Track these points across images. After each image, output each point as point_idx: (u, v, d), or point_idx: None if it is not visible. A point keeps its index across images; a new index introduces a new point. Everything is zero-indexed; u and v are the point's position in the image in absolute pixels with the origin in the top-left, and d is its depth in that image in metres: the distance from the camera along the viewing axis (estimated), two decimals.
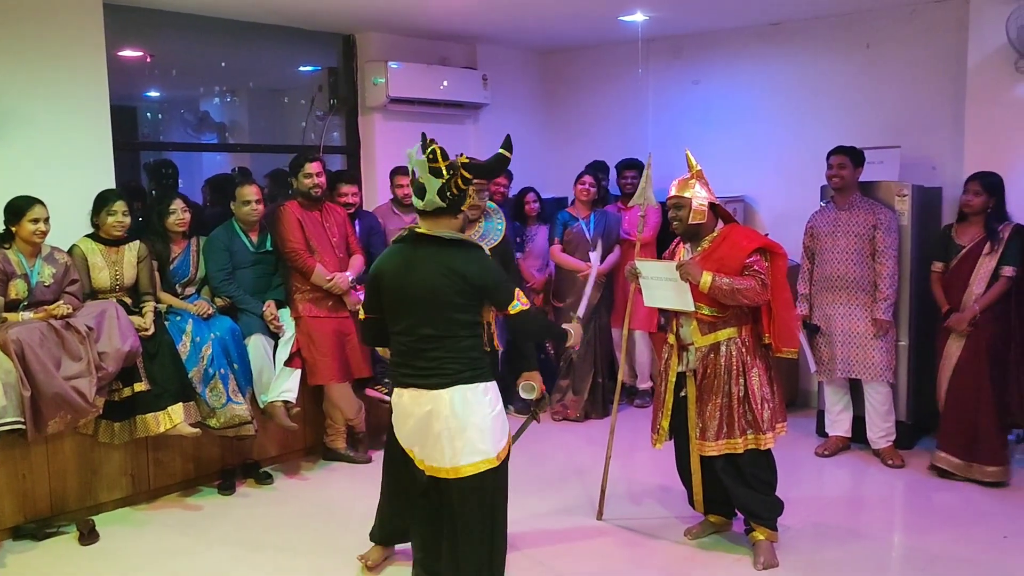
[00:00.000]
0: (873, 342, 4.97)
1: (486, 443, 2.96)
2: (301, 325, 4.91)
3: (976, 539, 4.03)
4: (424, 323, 2.93)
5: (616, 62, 7.02)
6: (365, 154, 6.48)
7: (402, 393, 3.06)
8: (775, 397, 3.79)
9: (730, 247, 3.74)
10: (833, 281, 5.04)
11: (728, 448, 3.76)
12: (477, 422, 2.94)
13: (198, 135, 6.55)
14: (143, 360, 4.36)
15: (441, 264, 2.91)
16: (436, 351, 2.93)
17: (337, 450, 5.22)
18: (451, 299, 2.90)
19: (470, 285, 2.91)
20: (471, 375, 2.95)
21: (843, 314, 5.03)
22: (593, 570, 3.82)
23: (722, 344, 3.76)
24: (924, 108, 5.66)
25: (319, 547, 4.07)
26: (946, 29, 5.52)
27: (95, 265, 4.47)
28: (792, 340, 3.83)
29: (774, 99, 6.33)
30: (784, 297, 3.79)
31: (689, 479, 4.00)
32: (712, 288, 3.64)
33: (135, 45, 5.59)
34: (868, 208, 4.99)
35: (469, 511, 3.01)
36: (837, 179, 5.02)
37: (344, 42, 6.39)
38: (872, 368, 4.99)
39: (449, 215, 2.99)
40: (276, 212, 4.98)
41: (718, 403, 3.76)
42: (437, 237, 2.96)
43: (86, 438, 4.36)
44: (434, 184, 2.91)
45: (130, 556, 4.02)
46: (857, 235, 4.97)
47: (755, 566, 3.77)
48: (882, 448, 5.05)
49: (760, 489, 3.82)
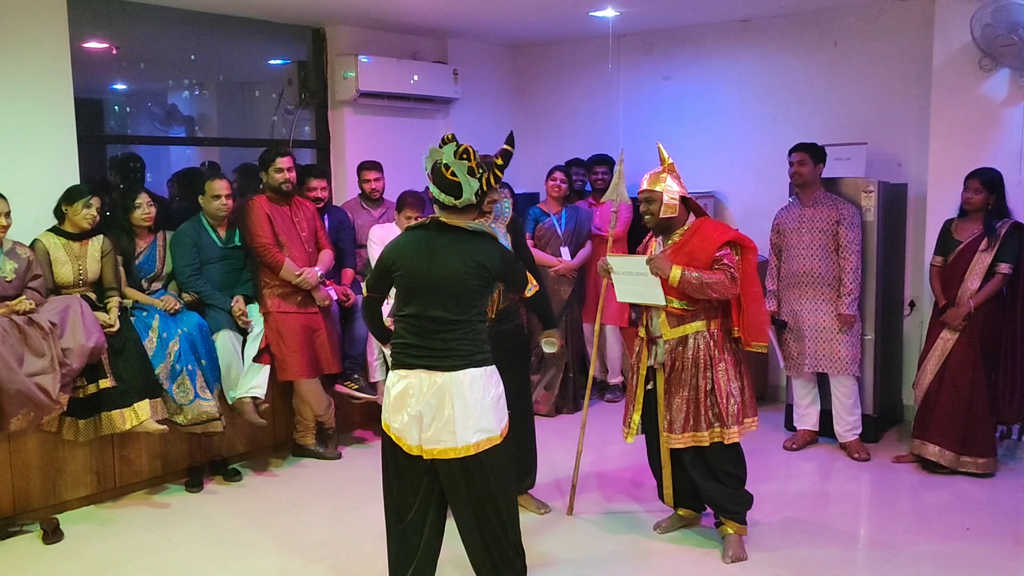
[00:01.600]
0: (839, 336, 5.02)
1: (491, 422, 3.07)
2: (270, 320, 4.88)
3: (939, 530, 4.09)
4: (441, 307, 3.04)
5: (587, 57, 7.04)
6: (335, 148, 6.44)
7: (406, 375, 3.08)
8: (744, 392, 3.81)
9: (700, 240, 3.76)
10: (799, 277, 5.09)
11: (694, 441, 3.78)
12: (486, 402, 3.06)
13: (166, 129, 6.47)
14: (108, 356, 4.31)
15: (463, 253, 3.05)
16: (451, 334, 3.04)
17: (307, 446, 5.19)
18: (471, 286, 3.04)
19: (490, 273, 3.07)
20: (482, 358, 3.08)
21: (810, 309, 5.08)
22: (563, 565, 3.84)
23: (690, 337, 3.78)
24: (890, 105, 5.73)
25: (288, 544, 4.05)
26: (912, 28, 5.59)
27: (58, 260, 4.40)
28: (762, 334, 3.85)
29: (744, 95, 6.37)
30: (754, 291, 3.81)
31: (660, 472, 4.03)
32: (681, 282, 3.66)
33: (100, 37, 5.50)
34: (831, 204, 5.04)
35: (473, 489, 3.08)
36: (797, 176, 5.07)
37: (314, 35, 6.34)
38: (838, 362, 5.05)
39: (475, 211, 3.15)
40: (245, 207, 4.93)
41: (685, 396, 3.78)
42: (459, 228, 3.09)
43: (50, 435, 4.29)
44: (472, 184, 3.04)
45: (96, 555, 3.97)
46: (821, 231, 5.02)
47: (723, 559, 3.80)
48: (848, 442, 5.12)
49: (728, 483, 3.85)
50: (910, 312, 5.67)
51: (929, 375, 4.81)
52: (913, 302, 5.65)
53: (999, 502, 4.39)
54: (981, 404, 4.70)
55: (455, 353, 3.03)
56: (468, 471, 3.06)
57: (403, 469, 3.14)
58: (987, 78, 5.05)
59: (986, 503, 4.39)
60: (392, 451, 3.15)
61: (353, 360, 5.25)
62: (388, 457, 3.17)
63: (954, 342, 4.72)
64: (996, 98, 5.03)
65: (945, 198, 5.09)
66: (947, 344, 4.74)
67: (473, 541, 3.15)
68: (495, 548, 3.14)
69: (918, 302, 5.59)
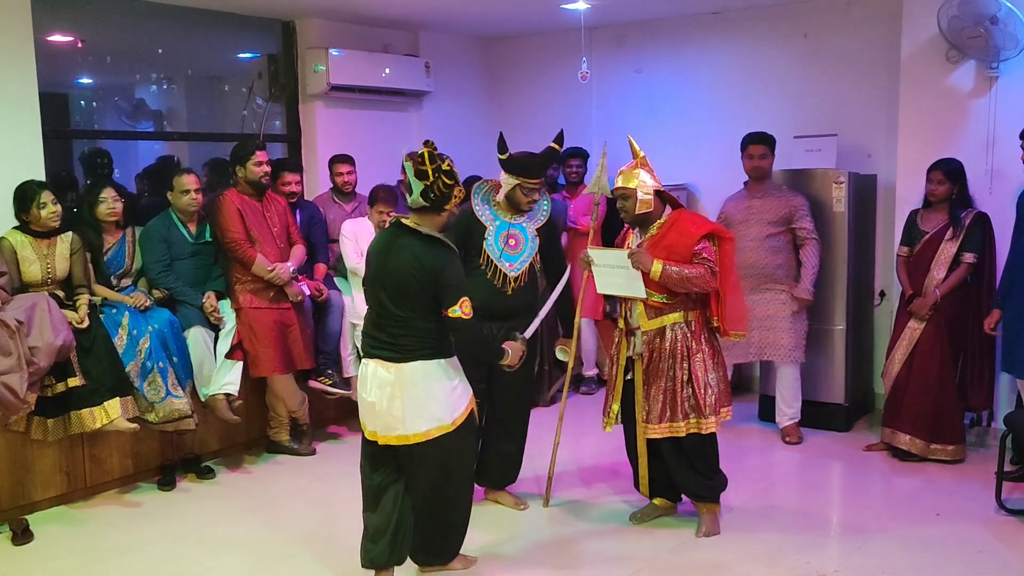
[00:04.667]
0: (783, 324, 5.06)
1: (442, 411, 3.29)
2: (242, 316, 4.83)
3: (909, 515, 4.14)
4: (391, 302, 3.27)
5: (559, 50, 7.03)
6: (306, 142, 6.39)
7: (368, 363, 3.35)
8: (720, 382, 3.85)
9: (678, 234, 3.79)
10: (746, 268, 5.00)
11: (671, 431, 3.81)
12: (436, 393, 3.27)
13: (133, 123, 6.37)
14: (77, 354, 4.25)
15: (413, 255, 3.23)
16: (398, 329, 3.26)
17: (280, 443, 5.16)
18: (414, 287, 3.23)
19: (430, 278, 3.22)
20: (430, 352, 3.27)
21: (755, 300, 5.06)
22: (540, 556, 3.85)
23: (667, 328, 3.81)
24: (860, 97, 5.78)
25: (263, 541, 4.02)
26: (880, 20, 5.64)
27: (25, 258, 4.33)
28: (740, 323, 3.89)
29: (716, 87, 6.40)
30: (732, 280, 3.85)
31: (637, 462, 4.05)
32: (663, 276, 3.70)
33: (65, 30, 5.41)
34: (780, 196, 5.06)
35: (425, 473, 3.33)
36: (758, 170, 5.09)
37: (284, 28, 6.28)
38: (782, 350, 5.10)
39: (433, 213, 3.30)
40: (216, 202, 4.88)
41: (662, 386, 3.81)
42: (416, 231, 3.27)
43: (18, 435, 4.22)
44: (418, 185, 3.22)
45: (66, 555, 3.92)
46: (770, 223, 5.04)
47: (696, 535, 3.91)
48: (785, 426, 5.19)
49: (703, 472, 3.89)
50: (880, 302, 5.74)
51: (897, 364, 4.86)
52: (883, 292, 5.71)
53: (968, 487, 4.45)
54: (949, 392, 4.76)
55: (402, 347, 3.26)
56: (418, 457, 3.31)
57: (368, 443, 3.42)
58: (954, 70, 5.10)
59: (956, 488, 4.46)
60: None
61: (327, 356, 5.21)
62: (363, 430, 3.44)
63: (921, 331, 4.77)
64: (963, 89, 5.09)
65: (914, 189, 5.15)
66: (914, 333, 4.80)
67: (417, 521, 3.42)
68: (436, 531, 3.44)
69: (888, 292, 5.66)
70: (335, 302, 5.25)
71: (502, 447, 4.25)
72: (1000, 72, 4.91)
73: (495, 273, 4.03)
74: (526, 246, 4.10)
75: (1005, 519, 4.09)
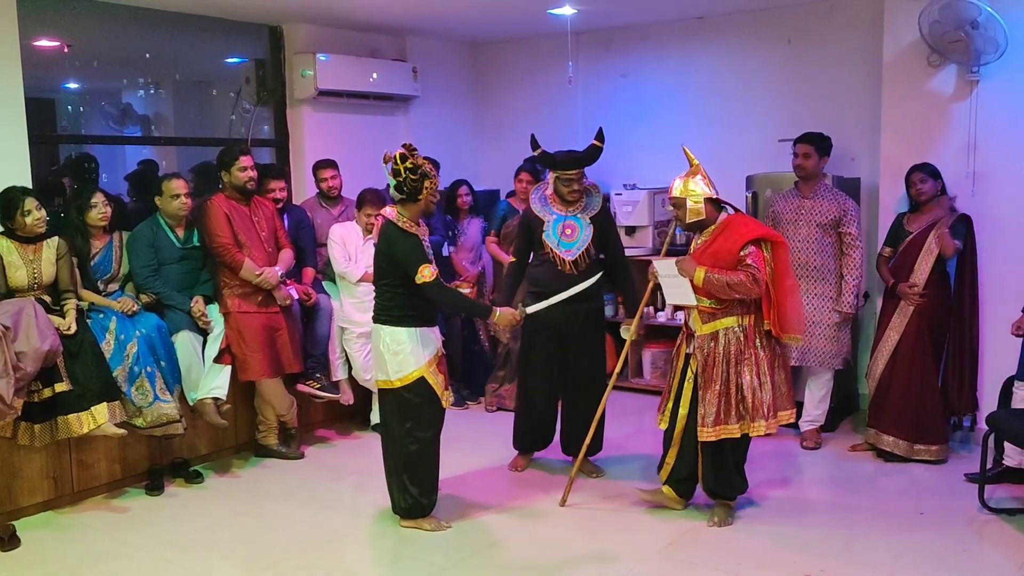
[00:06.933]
0: (827, 331, 5.01)
1: (386, 370, 3.97)
2: (230, 320, 4.83)
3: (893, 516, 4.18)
4: (375, 277, 4.08)
5: (546, 55, 7.06)
6: (294, 147, 6.39)
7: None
8: (781, 385, 3.93)
9: (725, 240, 3.88)
10: (794, 269, 5.03)
11: (725, 433, 3.90)
12: (384, 353, 3.97)
13: (120, 128, 6.36)
14: (64, 359, 4.24)
15: (384, 240, 3.95)
16: (378, 298, 4.04)
17: (269, 447, 5.16)
18: (381, 264, 3.99)
19: (388, 253, 3.92)
20: (391, 319, 3.97)
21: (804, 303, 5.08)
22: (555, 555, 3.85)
23: (720, 333, 3.89)
24: (843, 101, 5.84)
25: (252, 546, 4.02)
26: (862, 24, 5.70)
27: (11, 264, 4.32)
28: (796, 326, 3.93)
29: (700, 92, 6.44)
30: (787, 284, 3.90)
31: (668, 450, 4.14)
32: (705, 283, 3.79)
33: (52, 34, 5.40)
34: (833, 198, 4.99)
35: (384, 417, 4.10)
36: (800, 169, 5.05)
37: (271, 33, 6.29)
38: (821, 355, 5.05)
39: (410, 202, 3.94)
40: (203, 206, 4.89)
41: (716, 390, 3.88)
42: (395, 224, 3.92)
43: (4, 441, 4.21)
44: (393, 181, 3.90)
45: (54, 561, 3.91)
46: (820, 224, 4.97)
47: (708, 523, 4.03)
48: (806, 431, 5.20)
49: (730, 468, 4.02)
50: (863, 304, 5.78)
51: (881, 364, 4.90)
52: (868, 293, 5.75)
53: (952, 488, 4.50)
54: (932, 394, 4.80)
55: (376, 312, 4.03)
56: (382, 399, 4.11)
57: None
58: (936, 73, 5.16)
59: (939, 489, 4.50)
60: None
61: (315, 359, 5.22)
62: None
63: (902, 333, 4.81)
64: (944, 93, 5.15)
65: (897, 192, 5.20)
66: (897, 334, 4.84)
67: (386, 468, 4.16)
68: (394, 474, 4.08)
69: (871, 293, 5.71)
70: (323, 306, 5.26)
71: (577, 417, 4.61)
72: (981, 76, 4.97)
73: (556, 259, 4.51)
74: (580, 233, 4.53)
75: (988, 518, 4.13)
